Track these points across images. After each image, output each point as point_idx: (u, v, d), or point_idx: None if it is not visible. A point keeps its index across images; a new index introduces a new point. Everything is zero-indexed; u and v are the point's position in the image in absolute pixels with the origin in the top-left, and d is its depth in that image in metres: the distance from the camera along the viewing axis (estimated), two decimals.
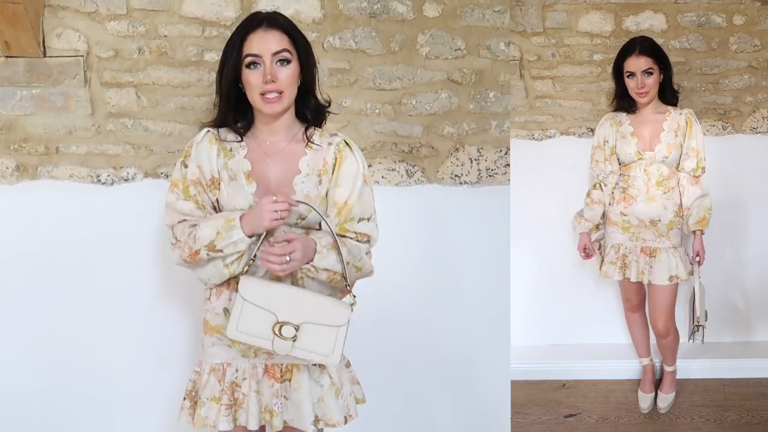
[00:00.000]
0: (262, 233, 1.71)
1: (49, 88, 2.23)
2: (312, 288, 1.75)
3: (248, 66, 1.74)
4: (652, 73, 2.59)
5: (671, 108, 2.67)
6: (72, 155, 2.27)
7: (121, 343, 2.30)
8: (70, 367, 2.29)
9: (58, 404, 2.30)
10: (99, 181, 2.29)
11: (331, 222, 1.77)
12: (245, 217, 1.71)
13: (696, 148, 2.61)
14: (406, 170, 2.40)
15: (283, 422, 1.77)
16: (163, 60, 2.26)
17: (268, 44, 1.73)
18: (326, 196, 1.80)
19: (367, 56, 2.34)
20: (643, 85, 2.59)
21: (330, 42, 2.32)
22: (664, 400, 2.83)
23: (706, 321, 2.62)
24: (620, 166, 2.70)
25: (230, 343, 1.79)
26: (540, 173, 3.07)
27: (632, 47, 2.60)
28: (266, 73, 1.72)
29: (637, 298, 2.81)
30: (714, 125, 3.03)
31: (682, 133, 2.62)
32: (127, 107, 2.27)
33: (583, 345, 3.20)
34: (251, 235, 1.71)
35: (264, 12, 1.81)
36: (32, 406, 2.29)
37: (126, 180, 2.30)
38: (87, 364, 2.29)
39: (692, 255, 2.62)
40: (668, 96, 2.68)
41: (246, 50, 1.73)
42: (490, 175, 2.44)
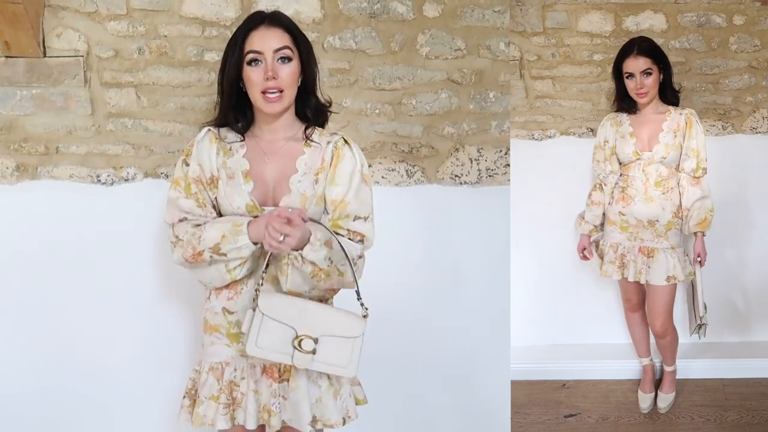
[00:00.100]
0: (269, 252, 1.70)
1: (49, 88, 2.23)
2: (295, 280, 1.71)
3: (249, 63, 1.74)
4: (651, 74, 2.59)
5: (672, 108, 2.66)
6: (72, 155, 2.27)
7: (121, 343, 2.30)
8: (70, 367, 2.29)
9: (58, 404, 2.30)
10: (99, 181, 2.29)
11: (327, 220, 1.77)
12: (253, 224, 1.71)
13: (696, 148, 2.59)
14: (406, 170, 2.40)
15: (281, 422, 1.77)
16: (163, 60, 2.26)
17: (269, 41, 1.73)
18: (324, 195, 1.79)
19: (367, 56, 2.34)
20: (642, 86, 2.59)
21: (330, 42, 2.32)
22: (664, 400, 2.83)
23: (706, 312, 2.61)
24: (620, 166, 2.71)
25: (229, 342, 1.79)
26: (540, 173, 3.07)
27: (630, 48, 2.60)
28: (267, 69, 1.72)
29: (636, 298, 2.81)
30: (714, 125, 3.02)
31: (682, 133, 2.61)
32: (127, 107, 2.27)
33: (583, 345, 3.20)
34: (256, 243, 1.71)
35: (266, 11, 1.81)
36: (32, 406, 2.29)
37: (126, 180, 2.30)
38: (87, 364, 2.29)
39: (693, 256, 2.62)
40: (669, 96, 2.67)
41: (248, 47, 1.74)
42: (490, 175, 2.43)
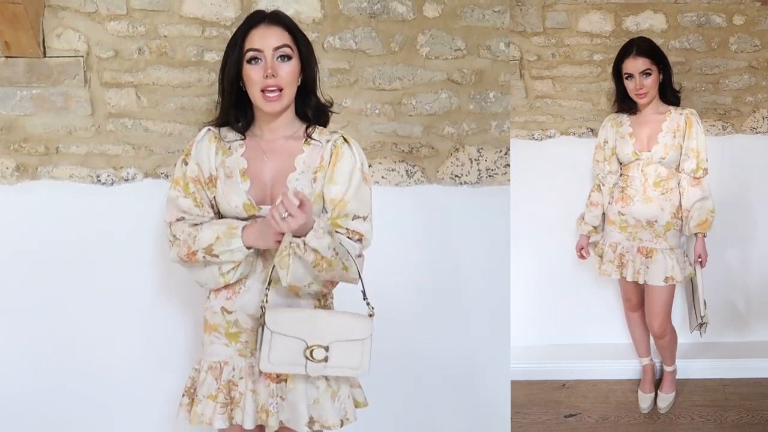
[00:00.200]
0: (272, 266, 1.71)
1: (49, 88, 2.23)
2: (297, 272, 1.68)
3: (249, 61, 1.74)
4: (650, 74, 2.58)
5: (672, 108, 2.66)
6: (72, 155, 2.27)
7: (121, 343, 2.30)
8: (70, 367, 2.29)
9: (58, 404, 2.30)
10: (99, 181, 2.29)
11: (325, 219, 1.77)
12: (249, 228, 1.72)
13: (696, 149, 2.58)
14: (406, 170, 2.40)
15: (279, 422, 1.76)
16: (163, 60, 2.26)
17: (269, 39, 1.73)
18: (322, 194, 1.78)
19: (367, 56, 2.34)
20: (641, 86, 2.59)
21: (330, 42, 2.32)
22: (664, 400, 2.83)
23: (706, 309, 2.61)
24: (621, 166, 2.71)
25: (227, 342, 1.80)
26: (540, 173, 3.07)
27: (629, 49, 2.60)
28: (267, 67, 1.72)
29: (636, 298, 2.81)
30: (714, 125, 3.02)
31: (681, 133, 2.60)
32: (127, 107, 2.27)
33: (583, 345, 3.19)
34: (250, 247, 1.72)
35: (266, 11, 1.81)
36: (32, 406, 2.29)
37: (126, 180, 2.30)
38: (87, 364, 2.29)
39: (694, 257, 2.62)
40: (669, 96, 2.67)
41: (247, 45, 1.74)
42: (490, 175, 2.43)
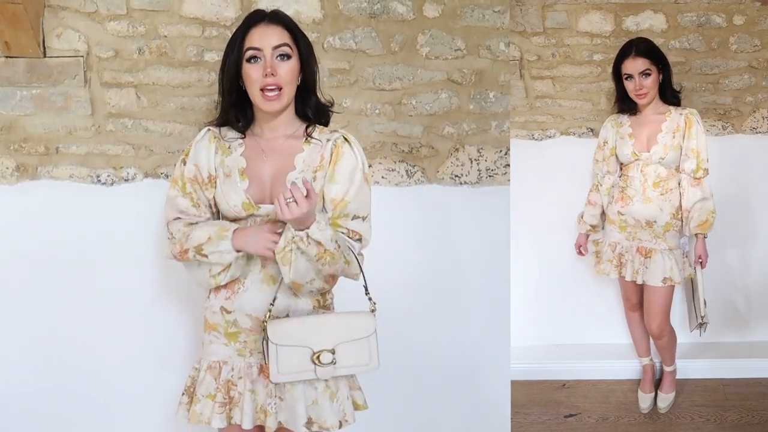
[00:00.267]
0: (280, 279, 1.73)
1: (49, 88, 2.23)
2: (299, 267, 1.68)
3: (249, 60, 1.74)
4: (649, 74, 2.58)
5: (673, 108, 2.65)
6: (72, 155, 2.27)
7: (121, 343, 2.30)
8: (70, 367, 2.29)
9: (58, 404, 2.30)
10: (99, 181, 2.29)
11: (325, 219, 1.77)
12: (240, 231, 1.72)
13: (696, 149, 2.57)
14: (406, 170, 2.40)
15: (278, 423, 1.76)
16: (163, 60, 2.26)
17: (269, 38, 1.73)
18: (322, 193, 1.78)
19: (367, 56, 2.34)
20: (641, 87, 2.59)
21: (330, 42, 2.32)
22: (664, 400, 2.83)
23: (706, 309, 2.61)
24: (622, 166, 2.71)
25: (227, 341, 1.80)
26: (540, 173, 3.07)
27: (629, 49, 2.60)
28: (266, 66, 1.72)
29: (635, 298, 2.81)
30: (714, 125, 3.02)
31: (681, 133, 2.59)
32: (127, 107, 2.27)
33: (583, 345, 3.19)
34: (239, 250, 1.72)
35: (266, 10, 1.81)
36: (32, 406, 2.29)
37: (126, 180, 2.30)
38: (87, 364, 2.29)
39: (695, 258, 2.62)
40: (669, 96, 2.67)
41: (247, 44, 1.74)
42: (490, 176, 2.43)
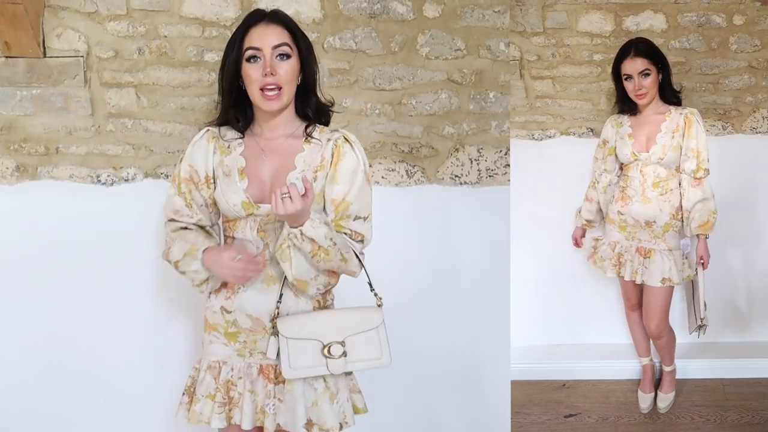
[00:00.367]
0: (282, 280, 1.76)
1: (49, 88, 2.23)
2: (300, 264, 1.69)
3: (248, 60, 1.74)
4: (649, 74, 2.58)
5: (673, 108, 2.64)
6: (72, 155, 2.27)
7: (121, 343, 2.30)
8: (70, 367, 2.29)
9: (58, 404, 2.30)
10: (99, 181, 2.29)
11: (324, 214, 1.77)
12: (208, 252, 1.75)
13: (696, 149, 2.56)
14: (406, 170, 2.40)
15: (277, 424, 1.75)
16: (163, 60, 2.26)
17: (268, 38, 1.73)
18: (323, 193, 1.78)
19: (367, 56, 2.34)
20: (640, 87, 2.58)
21: (330, 42, 2.32)
22: (664, 400, 2.83)
23: (706, 311, 2.61)
24: (622, 166, 2.71)
25: (226, 341, 1.80)
26: (540, 173, 3.07)
27: (628, 49, 2.59)
28: (266, 65, 1.72)
29: (635, 297, 2.81)
30: (714, 125, 3.02)
31: (681, 133, 2.58)
32: (127, 107, 2.27)
33: (583, 345, 3.19)
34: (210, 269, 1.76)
35: (266, 9, 1.81)
36: (32, 406, 2.29)
37: (126, 180, 2.30)
38: (87, 364, 2.29)
39: (696, 259, 2.61)
40: (669, 96, 2.66)
41: (247, 44, 1.74)
42: (490, 176, 2.43)
